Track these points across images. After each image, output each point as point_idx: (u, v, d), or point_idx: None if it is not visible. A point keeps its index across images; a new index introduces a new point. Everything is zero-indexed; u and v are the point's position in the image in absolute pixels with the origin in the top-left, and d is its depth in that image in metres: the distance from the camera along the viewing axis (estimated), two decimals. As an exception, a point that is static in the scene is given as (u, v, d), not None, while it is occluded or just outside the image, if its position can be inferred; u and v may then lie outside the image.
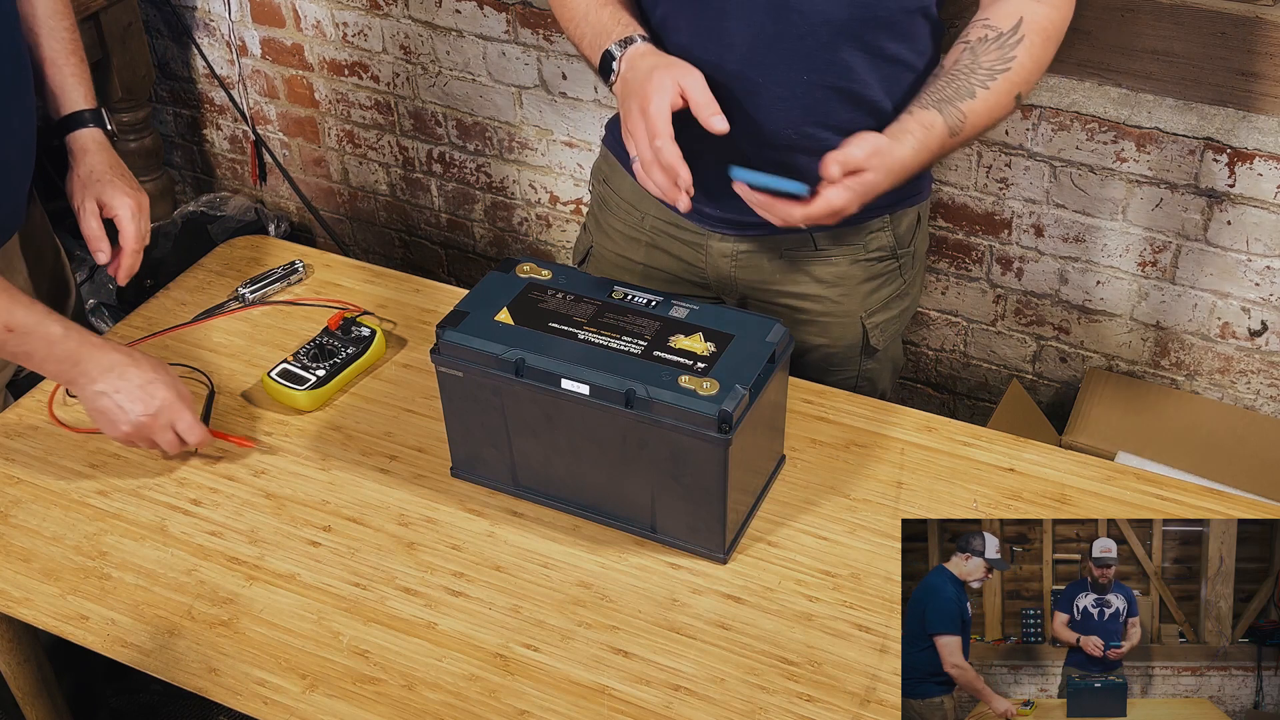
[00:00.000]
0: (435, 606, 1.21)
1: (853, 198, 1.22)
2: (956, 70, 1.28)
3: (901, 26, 1.31)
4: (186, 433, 1.33)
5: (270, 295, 1.61)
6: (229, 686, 1.15)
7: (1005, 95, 1.28)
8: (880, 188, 1.24)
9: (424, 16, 2.25)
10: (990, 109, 1.28)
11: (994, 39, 1.28)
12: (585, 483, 1.27)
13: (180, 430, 1.33)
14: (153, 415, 1.31)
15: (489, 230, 2.49)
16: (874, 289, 1.50)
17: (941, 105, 1.26)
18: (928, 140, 1.26)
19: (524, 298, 1.28)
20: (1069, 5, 1.30)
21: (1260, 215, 1.77)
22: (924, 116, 1.26)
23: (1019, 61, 1.27)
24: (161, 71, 2.64)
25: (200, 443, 1.35)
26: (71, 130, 1.47)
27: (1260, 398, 1.93)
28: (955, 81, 1.27)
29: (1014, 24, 1.27)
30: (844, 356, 1.54)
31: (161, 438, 1.33)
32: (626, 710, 1.12)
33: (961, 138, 1.28)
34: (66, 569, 1.26)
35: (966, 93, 1.27)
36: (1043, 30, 1.28)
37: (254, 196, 2.74)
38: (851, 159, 1.21)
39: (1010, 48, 1.27)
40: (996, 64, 1.27)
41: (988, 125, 1.30)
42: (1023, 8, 1.28)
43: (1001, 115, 1.30)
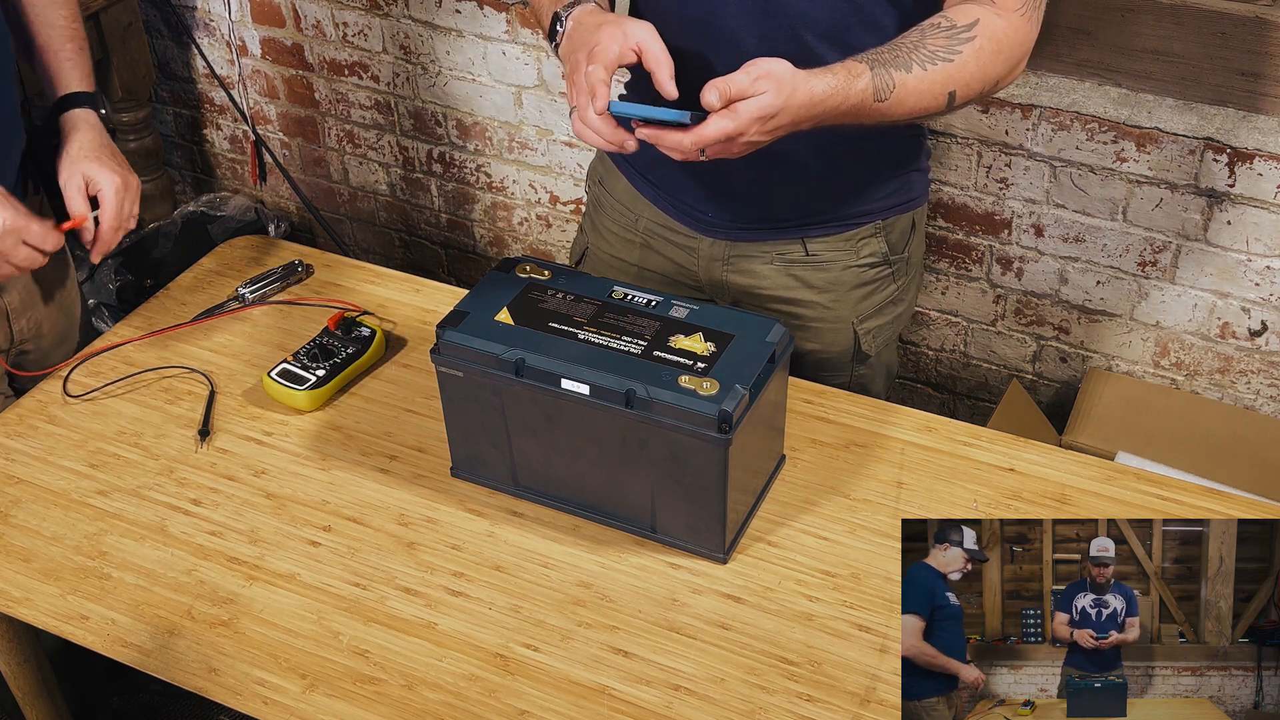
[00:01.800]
0: (435, 606, 1.21)
1: (743, 121, 1.15)
2: (901, 43, 1.23)
3: (889, 31, 1.29)
4: (41, 241, 1.34)
5: (270, 295, 1.61)
6: (229, 686, 1.15)
7: (940, 85, 1.23)
8: (783, 115, 1.16)
9: (424, 16, 2.25)
10: (921, 93, 1.22)
11: (946, 28, 1.23)
12: (585, 483, 1.27)
13: (33, 241, 1.33)
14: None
15: (489, 230, 2.49)
16: (866, 295, 1.50)
17: (874, 65, 1.21)
18: (848, 87, 1.19)
19: (524, 298, 1.28)
20: (1027, 34, 1.26)
21: (1260, 215, 1.77)
22: (853, 66, 1.20)
23: (963, 58, 1.22)
24: (161, 71, 2.64)
25: (56, 245, 1.36)
26: (65, 111, 1.45)
27: (1260, 398, 1.93)
28: (896, 52, 1.22)
29: (970, 22, 1.23)
30: (836, 362, 1.54)
31: (16, 256, 1.33)
32: (626, 710, 1.12)
33: (884, 108, 1.22)
34: (66, 569, 1.26)
35: (903, 65, 1.21)
36: (996, 39, 1.24)
37: (254, 196, 2.74)
38: (735, 85, 1.14)
39: (960, 42, 1.23)
40: (940, 50, 1.22)
41: (914, 110, 1.24)
42: (980, 13, 1.24)
43: (931, 106, 1.24)
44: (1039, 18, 1.27)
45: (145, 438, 1.41)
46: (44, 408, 1.45)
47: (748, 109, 1.14)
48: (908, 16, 1.29)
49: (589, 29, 1.24)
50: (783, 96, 1.15)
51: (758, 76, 1.15)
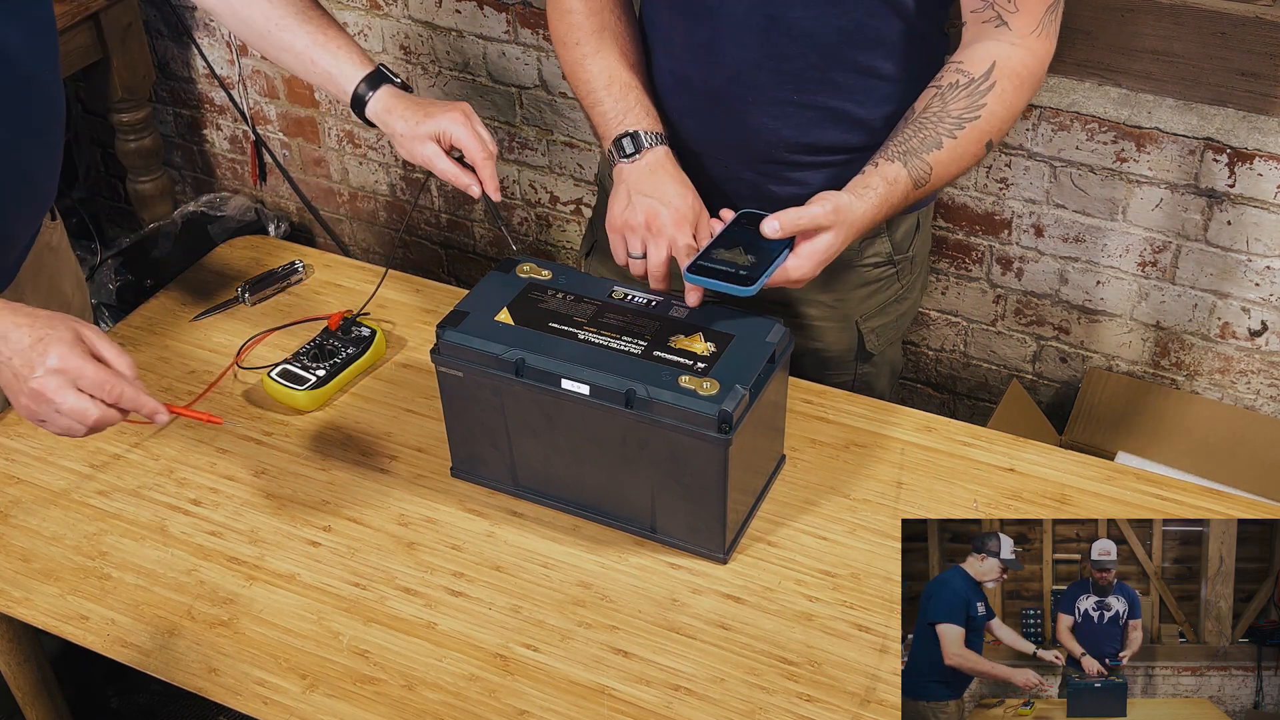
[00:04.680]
0: (435, 606, 1.21)
1: (811, 266, 1.22)
2: (925, 118, 1.26)
3: (893, 45, 1.30)
4: (95, 389, 1.10)
5: (270, 295, 1.61)
6: (229, 686, 1.15)
7: (974, 144, 1.27)
8: (838, 248, 1.23)
9: (424, 16, 2.25)
10: (958, 159, 1.26)
11: (965, 85, 1.26)
12: (585, 483, 1.27)
13: (89, 389, 1.10)
14: (48, 374, 1.09)
15: (489, 230, 2.49)
16: (869, 294, 1.50)
17: (907, 157, 1.25)
18: (889, 195, 1.25)
19: (524, 298, 1.28)
20: (1046, 51, 1.27)
21: (1260, 215, 1.77)
22: (888, 170, 1.25)
23: (989, 109, 1.25)
24: (161, 71, 2.64)
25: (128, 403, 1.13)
26: (361, 108, 1.39)
27: (1260, 398, 1.93)
28: (923, 130, 1.26)
29: (986, 69, 1.25)
30: (839, 360, 1.54)
31: (64, 402, 1.09)
32: (626, 710, 1.12)
33: (928, 188, 1.27)
34: (66, 569, 1.26)
35: (933, 143, 1.25)
36: (1015, 75, 1.26)
37: (254, 196, 2.74)
38: (813, 219, 1.20)
39: (981, 94, 1.25)
40: (966, 112, 1.25)
41: (957, 174, 1.29)
42: (997, 52, 1.25)
43: (971, 163, 1.28)
44: (1056, 29, 1.28)
45: (145, 438, 1.41)
46: (44, 408, 1.45)
47: (817, 255, 1.22)
48: (913, 31, 1.29)
49: (674, 193, 1.33)
50: (843, 231, 1.22)
51: (832, 210, 1.21)
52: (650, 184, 1.33)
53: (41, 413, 1.11)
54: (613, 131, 1.37)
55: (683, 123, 1.41)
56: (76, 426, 1.12)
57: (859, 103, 1.33)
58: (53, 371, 1.09)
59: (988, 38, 1.26)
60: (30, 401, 1.11)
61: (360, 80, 1.38)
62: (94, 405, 1.11)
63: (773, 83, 1.31)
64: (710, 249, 1.25)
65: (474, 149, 1.34)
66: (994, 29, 1.26)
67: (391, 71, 1.40)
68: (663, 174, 1.34)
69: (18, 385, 1.11)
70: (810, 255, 1.22)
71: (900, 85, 1.32)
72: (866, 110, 1.33)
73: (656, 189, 1.32)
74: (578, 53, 1.41)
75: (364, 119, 1.39)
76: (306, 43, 1.39)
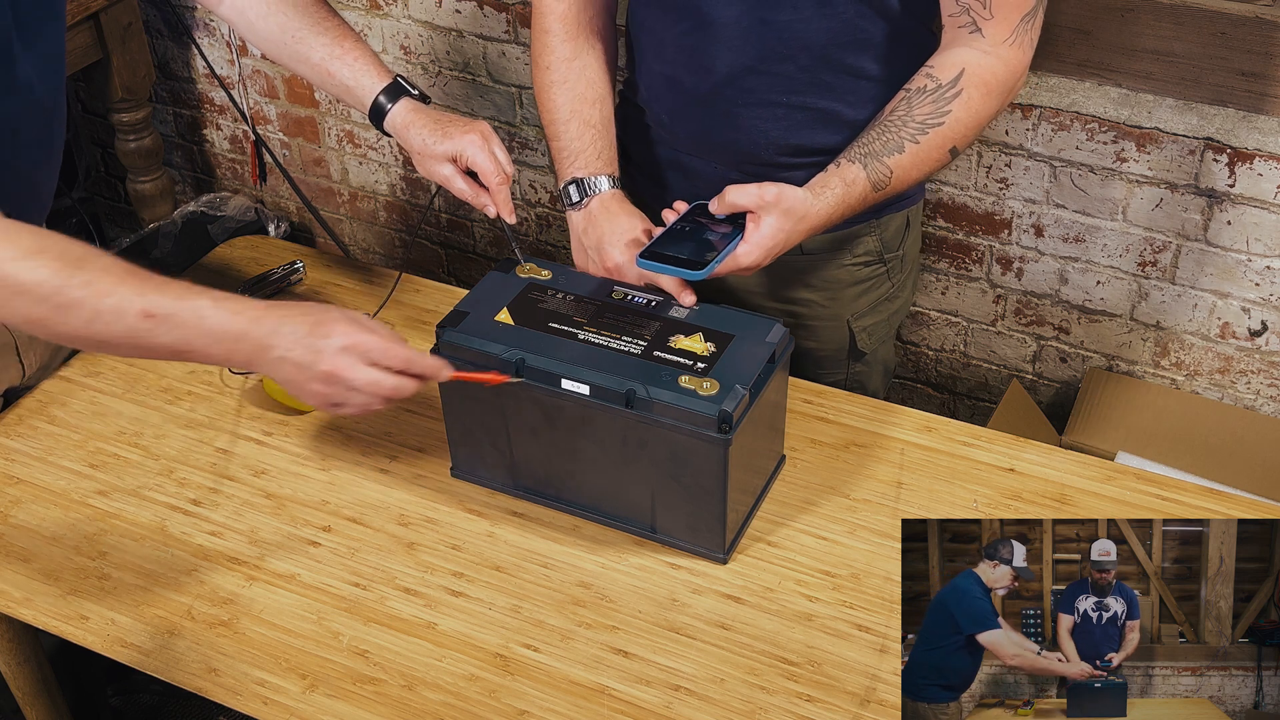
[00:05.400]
0: (435, 606, 1.21)
1: (760, 254, 1.23)
2: (890, 121, 1.27)
3: (881, 47, 1.30)
4: (383, 357, 1.11)
5: (270, 295, 1.61)
6: (229, 686, 1.15)
7: (937, 150, 1.27)
8: (789, 240, 1.24)
9: (424, 16, 2.25)
10: (919, 163, 1.27)
11: (931, 90, 1.26)
12: (585, 483, 1.27)
13: (379, 360, 1.11)
14: (336, 354, 1.10)
15: (489, 230, 2.49)
16: (861, 293, 1.50)
17: (867, 160, 1.26)
18: (847, 196, 1.26)
19: (524, 298, 1.28)
20: (1019, 61, 1.27)
21: (1260, 215, 1.77)
22: (848, 171, 1.26)
23: (953, 116, 1.25)
24: (161, 71, 2.64)
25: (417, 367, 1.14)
26: (380, 120, 1.39)
27: (1260, 398, 1.93)
28: (886, 134, 1.26)
29: (954, 76, 1.25)
30: (832, 360, 1.54)
31: (358, 378, 1.10)
32: (626, 710, 1.12)
33: (888, 191, 1.28)
34: (66, 569, 1.26)
35: (895, 147, 1.26)
36: (984, 84, 1.26)
37: (254, 196, 2.74)
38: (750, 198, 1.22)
39: (946, 101, 1.25)
40: (930, 118, 1.26)
41: (918, 178, 1.29)
42: (967, 59, 1.26)
43: (933, 168, 1.29)
44: (1033, 39, 1.27)
45: (145, 438, 1.41)
46: (44, 408, 1.45)
47: (765, 242, 1.23)
48: (901, 32, 1.30)
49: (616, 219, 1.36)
50: (790, 221, 1.23)
51: (775, 198, 1.22)
52: (596, 233, 1.36)
53: (335, 395, 1.12)
54: (564, 174, 1.40)
55: (672, 124, 1.42)
56: (373, 401, 1.12)
57: (848, 104, 1.33)
58: (340, 351, 1.10)
59: (961, 43, 1.27)
60: (322, 386, 1.11)
61: (379, 92, 1.38)
62: (387, 375, 1.12)
63: (762, 84, 1.32)
64: (662, 237, 1.27)
65: (490, 173, 1.33)
66: (968, 35, 1.26)
67: (409, 82, 1.40)
68: (605, 216, 1.36)
69: (304, 375, 1.11)
70: (758, 244, 1.23)
71: (888, 86, 1.32)
72: (855, 111, 1.33)
73: (604, 234, 1.35)
74: (546, 78, 1.42)
75: (383, 131, 1.40)
76: (323, 55, 1.40)
